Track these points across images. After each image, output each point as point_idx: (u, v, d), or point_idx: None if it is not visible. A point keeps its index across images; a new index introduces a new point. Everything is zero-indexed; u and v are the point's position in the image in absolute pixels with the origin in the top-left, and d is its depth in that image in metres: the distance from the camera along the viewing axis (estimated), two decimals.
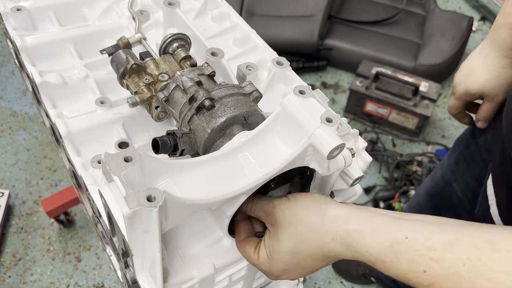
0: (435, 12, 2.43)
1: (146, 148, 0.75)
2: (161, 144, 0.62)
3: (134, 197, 0.46)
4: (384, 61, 2.26)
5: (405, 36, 2.37)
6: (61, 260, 1.58)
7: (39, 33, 0.88)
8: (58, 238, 1.66)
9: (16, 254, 1.60)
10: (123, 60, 0.73)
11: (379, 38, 2.35)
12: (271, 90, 0.81)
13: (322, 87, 2.35)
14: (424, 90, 2.06)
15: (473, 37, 2.60)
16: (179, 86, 0.68)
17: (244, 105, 0.64)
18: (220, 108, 0.63)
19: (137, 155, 0.50)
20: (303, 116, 0.56)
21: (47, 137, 1.96)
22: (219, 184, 0.56)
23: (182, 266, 0.63)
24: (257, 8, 2.34)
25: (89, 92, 0.82)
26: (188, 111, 0.65)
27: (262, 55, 0.88)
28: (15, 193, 1.81)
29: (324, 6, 2.30)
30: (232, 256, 0.65)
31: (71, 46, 0.87)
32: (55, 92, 0.80)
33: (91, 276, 1.53)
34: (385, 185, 1.97)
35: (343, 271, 1.71)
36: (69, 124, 0.74)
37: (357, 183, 0.70)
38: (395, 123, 2.12)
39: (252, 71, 0.78)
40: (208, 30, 0.92)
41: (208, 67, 0.72)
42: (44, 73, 0.80)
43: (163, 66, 0.73)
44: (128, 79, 0.73)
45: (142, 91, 0.71)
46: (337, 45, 2.33)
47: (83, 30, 0.90)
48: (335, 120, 0.55)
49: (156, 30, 0.92)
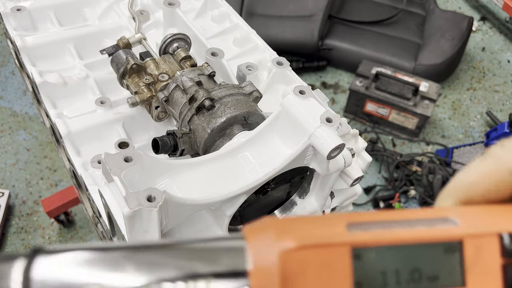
0: (435, 12, 2.43)
1: (146, 148, 0.75)
2: (161, 144, 0.62)
3: (134, 197, 0.46)
4: (384, 61, 2.26)
5: (405, 36, 2.37)
6: None
7: (39, 33, 0.88)
8: (58, 238, 1.66)
9: None
10: (123, 60, 0.73)
11: (379, 38, 2.35)
12: (271, 90, 0.81)
13: (322, 87, 2.35)
14: (424, 90, 2.06)
15: (473, 37, 2.60)
16: (179, 86, 0.68)
17: (244, 105, 0.64)
18: (220, 108, 0.63)
19: (137, 155, 0.50)
20: (303, 116, 0.55)
21: (47, 137, 1.96)
22: (219, 184, 0.56)
23: None
24: (257, 8, 2.34)
25: (89, 92, 0.82)
26: (188, 111, 0.65)
27: (262, 55, 0.88)
28: (15, 193, 1.81)
29: (324, 6, 2.30)
30: None
31: (71, 46, 0.87)
32: (55, 92, 0.80)
33: None
34: (385, 185, 1.97)
35: None
36: (69, 124, 0.74)
37: (357, 183, 0.70)
38: (395, 123, 2.12)
39: (252, 71, 0.78)
40: (208, 30, 0.92)
41: (208, 67, 0.72)
42: (44, 73, 0.80)
43: (163, 66, 0.73)
44: (128, 79, 0.73)
45: (142, 91, 0.71)
46: (337, 45, 2.33)
47: (83, 30, 0.90)
48: (335, 120, 0.55)
49: (156, 30, 0.92)
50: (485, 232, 0.25)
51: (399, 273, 0.24)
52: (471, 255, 0.25)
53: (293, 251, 0.23)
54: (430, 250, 0.25)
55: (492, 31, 2.67)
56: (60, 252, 0.25)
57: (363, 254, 0.24)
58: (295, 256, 0.23)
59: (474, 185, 0.27)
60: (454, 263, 0.25)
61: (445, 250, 0.25)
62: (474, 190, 0.27)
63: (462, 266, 0.25)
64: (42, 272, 0.23)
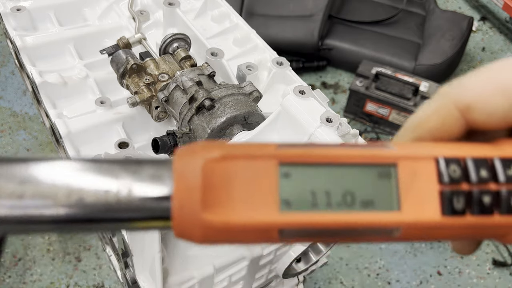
0: (435, 12, 2.43)
1: (146, 148, 0.75)
2: (161, 144, 0.62)
3: None
4: (384, 61, 2.26)
5: (405, 36, 2.37)
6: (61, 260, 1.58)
7: (39, 33, 0.88)
8: (58, 238, 1.66)
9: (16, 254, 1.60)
10: (123, 60, 0.72)
11: (379, 38, 2.35)
12: (271, 90, 0.81)
13: (322, 87, 2.35)
14: (424, 90, 2.06)
15: (473, 37, 2.60)
16: (179, 86, 0.68)
17: (244, 105, 0.64)
18: (220, 108, 0.63)
19: (137, 155, 0.50)
20: (303, 116, 0.55)
21: (47, 137, 1.96)
22: None
23: (182, 266, 0.63)
24: (257, 8, 2.34)
25: (89, 92, 0.82)
26: (188, 111, 0.65)
27: (262, 55, 0.88)
28: None
29: (324, 6, 2.30)
30: (232, 256, 0.65)
31: (71, 46, 0.87)
32: (55, 92, 0.80)
33: (91, 276, 1.53)
34: None
35: None
36: (69, 124, 0.74)
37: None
38: (395, 123, 2.12)
39: (252, 71, 0.78)
40: (208, 30, 0.92)
41: (208, 67, 0.72)
42: (44, 73, 0.80)
43: (163, 66, 0.73)
44: (128, 79, 0.73)
45: (142, 91, 0.71)
46: (337, 45, 2.33)
47: (83, 30, 0.90)
48: (335, 120, 0.55)
49: (156, 30, 0.92)
50: (420, 155, 0.25)
51: (330, 194, 0.23)
52: (407, 179, 0.24)
53: (217, 161, 0.23)
54: (364, 173, 0.24)
55: (492, 31, 2.67)
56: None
57: (292, 172, 0.23)
58: (220, 166, 0.23)
59: (423, 123, 0.27)
60: (389, 187, 0.24)
61: (379, 174, 0.24)
62: (423, 127, 0.27)
63: (398, 190, 0.24)
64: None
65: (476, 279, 1.47)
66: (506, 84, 0.25)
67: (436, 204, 0.24)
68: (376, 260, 1.52)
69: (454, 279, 1.47)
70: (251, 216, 0.23)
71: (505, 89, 0.25)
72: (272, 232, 0.23)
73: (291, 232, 0.23)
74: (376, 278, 1.51)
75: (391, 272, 1.49)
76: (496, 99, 0.25)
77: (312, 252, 0.75)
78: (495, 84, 0.25)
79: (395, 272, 1.49)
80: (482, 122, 0.25)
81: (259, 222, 0.23)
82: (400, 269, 1.50)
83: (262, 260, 0.69)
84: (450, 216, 0.24)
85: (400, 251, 1.54)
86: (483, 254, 1.53)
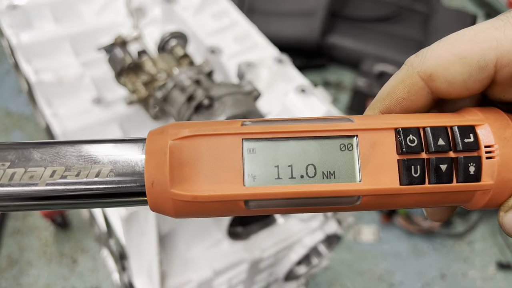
0: (439, 10, 2.41)
1: None
2: None
3: None
4: (387, 59, 2.24)
5: (408, 34, 2.35)
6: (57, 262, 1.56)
7: (35, 31, 0.87)
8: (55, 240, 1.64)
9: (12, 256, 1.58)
10: (120, 58, 0.71)
11: (382, 36, 2.33)
12: (272, 88, 0.80)
13: (324, 85, 2.33)
14: None
15: None
16: (177, 85, 0.66)
17: (244, 104, 0.62)
18: (219, 107, 0.61)
19: None
20: (304, 115, 0.54)
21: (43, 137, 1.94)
22: None
23: (180, 269, 0.61)
24: (258, 5, 2.32)
25: (86, 91, 0.80)
26: (187, 110, 0.64)
27: (263, 52, 0.86)
28: None
29: (326, 3, 2.28)
30: (232, 259, 0.63)
31: (68, 44, 0.86)
32: (50, 90, 0.78)
33: (88, 278, 1.52)
34: None
35: None
36: (65, 123, 0.73)
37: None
38: None
39: (252, 69, 0.76)
40: (207, 27, 0.90)
41: (207, 65, 0.70)
42: (39, 72, 0.79)
43: (161, 64, 0.71)
44: (125, 77, 0.71)
45: (140, 89, 0.70)
46: (339, 42, 2.31)
47: (79, 27, 0.88)
48: None
49: (154, 27, 0.90)
50: (380, 127, 0.25)
51: (293, 167, 0.25)
52: (366, 150, 0.25)
53: (185, 139, 0.24)
54: (326, 146, 0.25)
55: None
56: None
57: (256, 147, 0.25)
58: (188, 144, 0.24)
59: (390, 93, 0.28)
60: (349, 158, 0.25)
61: (340, 146, 0.25)
62: (391, 97, 0.28)
63: (358, 161, 0.25)
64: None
65: (480, 281, 1.45)
66: (464, 51, 0.25)
67: (395, 174, 0.25)
68: (379, 262, 1.50)
69: (457, 281, 1.45)
70: (217, 190, 0.24)
71: (463, 56, 0.25)
72: (238, 204, 0.24)
73: (257, 203, 0.25)
74: (378, 281, 1.49)
75: (394, 274, 1.48)
76: (455, 67, 0.25)
77: (314, 255, 0.74)
78: (454, 52, 0.26)
79: (398, 274, 1.47)
80: (445, 90, 0.26)
81: (225, 195, 0.24)
82: (403, 271, 1.48)
83: (262, 263, 0.67)
84: (408, 185, 0.24)
85: (403, 253, 1.52)
86: (487, 256, 1.51)
